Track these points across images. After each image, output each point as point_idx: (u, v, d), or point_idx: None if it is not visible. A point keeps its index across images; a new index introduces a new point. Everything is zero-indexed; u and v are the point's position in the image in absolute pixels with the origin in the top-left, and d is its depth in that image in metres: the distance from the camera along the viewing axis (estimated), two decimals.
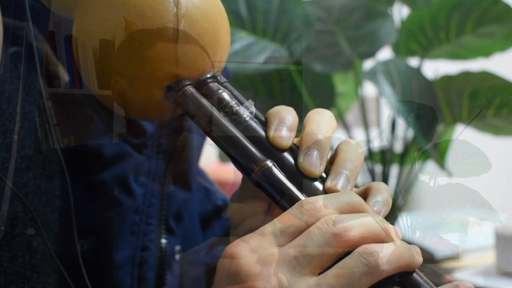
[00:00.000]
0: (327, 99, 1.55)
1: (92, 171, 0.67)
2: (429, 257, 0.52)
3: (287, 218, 0.50)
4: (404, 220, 0.52)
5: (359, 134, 1.65)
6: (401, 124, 1.55)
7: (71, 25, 0.61)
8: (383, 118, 1.85)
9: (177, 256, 0.70)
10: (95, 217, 0.67)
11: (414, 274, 0.51)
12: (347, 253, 0.49)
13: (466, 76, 1.50)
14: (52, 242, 0.63)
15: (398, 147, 1.60)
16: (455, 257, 1.44)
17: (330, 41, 1.56)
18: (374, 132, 1.68)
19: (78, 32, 0.57)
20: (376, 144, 1.65)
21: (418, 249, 0.52)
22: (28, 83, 0.62)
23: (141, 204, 0.68)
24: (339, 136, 0.57)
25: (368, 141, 1.59)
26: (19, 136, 0.61)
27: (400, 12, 1.62)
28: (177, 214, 0.71)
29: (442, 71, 1.56)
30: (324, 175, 0.54)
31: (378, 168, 1.59)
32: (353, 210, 0.51)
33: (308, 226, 0.50)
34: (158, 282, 0.69)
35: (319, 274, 0.49)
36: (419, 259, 0.51)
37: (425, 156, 1.42)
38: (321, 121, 0.55)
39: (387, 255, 0.49)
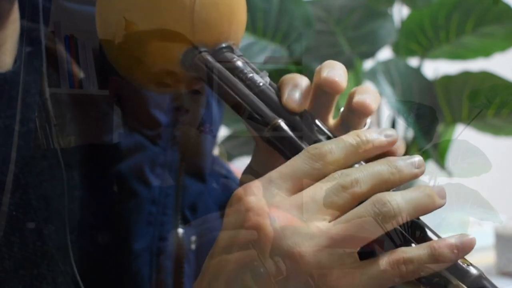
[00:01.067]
0: None
1: (108, 163, 0.68)
2: None
3: (294, 164, 0.51)
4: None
5: None
6: (401, 124, 1.55)
7: (71, 25, 0.62)
8: (383, 118, 1.85)
9: (193, 246, 0.71)
10: (112, 208, 0.68)
11: (417, 220, 0.51)
12: (360, 203, 0.50)
13: (466, 76, 1.50)
14: (65, 231, 0.64)
15: None
16: None
17: (330, 41, 1.56)
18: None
19: (100, 5, 0.58)
20: None
21: (442, 190, 0.51)
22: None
23: (157, 195, 0.69)
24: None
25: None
26: (36, 126, 0.62)
27: (400, 12, 1.62)
28: (192, 205, 0.72)
29: (442, 71, 1.56)
30: (333, 138, 0.55)
31: None
32: (359, 151, 0.52)
33: (313, 170, 0.50)
34: (175, 271, 0.70)
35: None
36: (440, 202, 0.51)
37: (425, 156, 1.42)
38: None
39: (401, 205, 0.49)
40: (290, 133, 0.54)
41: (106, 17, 0.58)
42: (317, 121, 0.55)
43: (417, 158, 0.53)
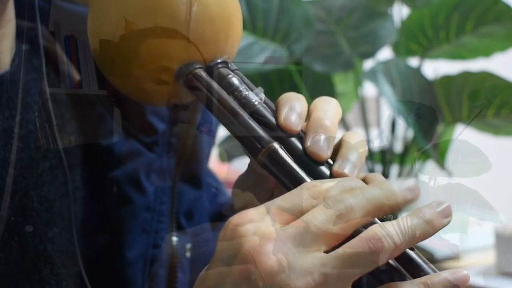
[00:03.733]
0: None
1: (104, 169, 0.67)
2: (429, 257, 0.52)
3: (291, 198, 0.50)
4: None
5: None
6: (401, 124, 1.55)
7: (71, 25, 0.61)
8: (383, 118, 1.85)
9: (188, 254, 0.71)
10: (107, 214, 0.67)
11: (411, 253, 0.50)
12: (356, 231, 0.49)
13: (466, 76, 1.50)
14: (67, 234, 0.63)
15: (398, 147, 1.60)
16: (455, 257, 1.44)
17: (330, 41, 1.56)
18: (374, 132, 1.68)
19: (93, 17, 0.58)
20: (376, 144, 1.65)
21: (447, 208, 0.51)
22: (41, 74, 0.63)
23: (152, 202, 0.69)
24: (340, 135, 0.57)
25: (368, 141, 1.59)
26: (35, 127, 0.61)
27: (400, 12, 1.62)
28: (187, 212, 0.72)
29: (442, 71, 1.56)
30: (330, 161, 0.54)
31: (378, 168, 1.59)
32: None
33: (311, 207, 0.50)
34: (169, 280, 0.70)
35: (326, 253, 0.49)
36: (442, 223, 0.50)
37: (425, 156, 1.42)
38: (328, 108, 0.56)
39: (397, 239, 0.48)
40: (286, 157, 0.53)
41: (99, 31, 0.57)
42: None
43: (412, 183, 0.52)
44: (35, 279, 0.61)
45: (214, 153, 1.68)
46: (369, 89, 1.68)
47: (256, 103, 0.55)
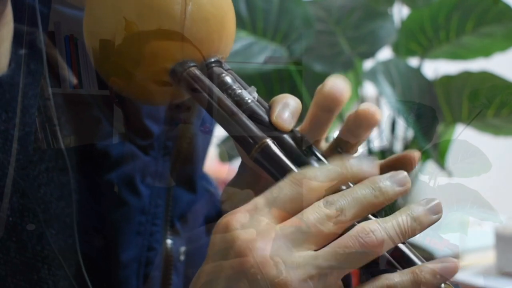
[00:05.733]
0: None
1: (99, 171, 0.67)
2: (429, 257, 0.52)
3: (279, 190, 0.51)
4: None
5: None
6: (401, 124, 1.55)
7: (71, 25, 0.61)
8: (383, 118, 1.85)
9: (182, 257, 0.71)
10: (102, 216, 0.68)
11: (401, 246, 0.51)
12: (345, 231, 0.50)
13: (466, 76, 1.50)
14: (64, 235, 0.64)
15: (398, 147, 1.60)
16: (455, 257, 1.44)
17: (330, 41, 1.56)
18: (374, 132, 1.68)
19: (89, 18, 0.58)
20: (376, 144, 1.65)
21: (436, 206, 0.51)
22: (38, 78, 0.63)
23: (147, 205, 0.69)
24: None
25: (368, 141, 1.59)
26: (32, 129, 0.62)
27: (400, 12, 1.62)
28: (182, 216, 0.72)
29: (442, 71, 1.56)
30: (322, 158, 0.55)
31: None
32: (343, 178, 0.52)
33: (299, 196, 0.51)
34: (163, 282, 0.70)
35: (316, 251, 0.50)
36: (431, 219, 0.51)
37: (425, 156, 1.42)
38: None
39: (385, 234, 0.49)
40: (278, 153, 0.53)
41: (95, 32, 0.58)
42: (307, 141, 0.55)
43: (401, 175, 0.53)
44: (34, 280, 0.61)
45: (214, 153, 1.69)
46: (369, 89, 1.68)
47: (249, 101, 0.56)
